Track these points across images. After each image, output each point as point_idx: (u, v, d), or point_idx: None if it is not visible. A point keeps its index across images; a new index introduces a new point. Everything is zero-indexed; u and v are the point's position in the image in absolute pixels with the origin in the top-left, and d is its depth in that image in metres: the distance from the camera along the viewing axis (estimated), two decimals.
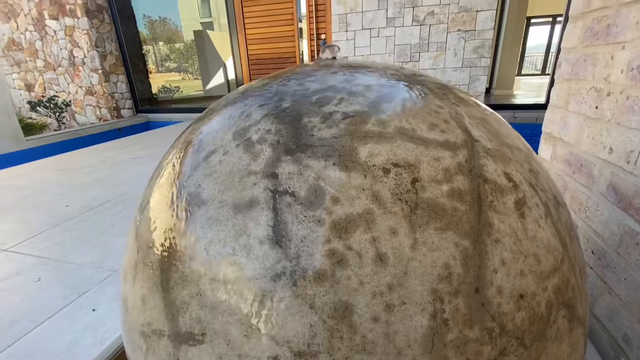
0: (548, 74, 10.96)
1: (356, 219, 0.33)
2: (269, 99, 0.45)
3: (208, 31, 9.41)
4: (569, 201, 1.07)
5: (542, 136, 1.29)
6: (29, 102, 5.51)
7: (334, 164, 0.36)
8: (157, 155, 3.26)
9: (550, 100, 1.23)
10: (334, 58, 0.58)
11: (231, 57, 5.38)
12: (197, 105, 7.44)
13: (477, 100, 0.53)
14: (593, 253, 0.95)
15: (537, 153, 1.27)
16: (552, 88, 1.22)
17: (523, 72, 12.26)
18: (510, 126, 0.52)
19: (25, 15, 5.62)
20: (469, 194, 0.35)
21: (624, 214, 0.81)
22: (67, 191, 2.37)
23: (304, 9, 4.75)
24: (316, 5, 4.62)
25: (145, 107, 6.23)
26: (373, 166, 0.35)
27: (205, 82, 8.98)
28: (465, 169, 0.37)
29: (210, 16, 15.51)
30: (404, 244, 0.32)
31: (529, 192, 0.39)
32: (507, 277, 0.34)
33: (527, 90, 7.65)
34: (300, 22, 4.85)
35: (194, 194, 0.40)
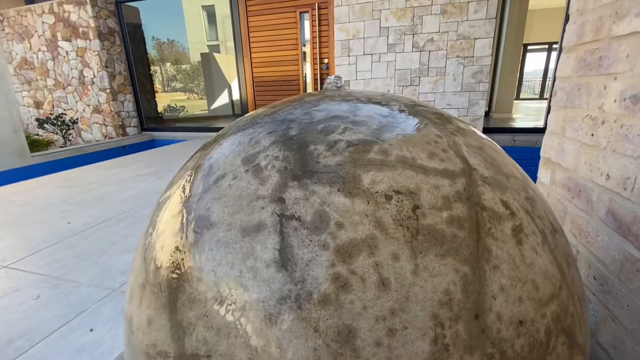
0: (546, 99, 11.19)
1: (360, 244, 0.34)
2: (277, 126, 0.48)
3: (214, 54, 9.72)
4: (569, 226, 1.08)
5: (540, 161, 1.31)
6: (37, 119, 5.63)
7: (338, 190, 0.37)
8: (160, 173, 3.29)
9: (547, 127, 1.27)
10: (339, 88, 0.61)
11: (236, 78, 5.54)
12: (202, 125, 7.57)
13: (474, 129, 0.55)
14: (595, 279, 0.95)
15: (537, 176, 1.28)
16: (549, 115, 1.25)
17: (521, 96, 12.51)
18: (506, 154, 0.54)
19: (39, 37, 5.85)
20: (468, 221, 0.37)
21: (624, 240, 0.82)
22: (70, 208, 2.39)
23: (307, 35, 4.92)
24: (319, 31, 4.80)
25: (150, 125, 6.34)
26: (376, 193, 0.37)
27: (210, 102, 9.20)
28: (463, 197, 0.38)
29: (217, 39, 16.04)
30: (405, 269, 0.33)
31: (526, 220, 0.41)
32: (506, 303, 0.35)
33: (525, 114, 7.79)
34: (304, 46, 5.02)
35: (204, 217, 0.41)
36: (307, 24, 4.86)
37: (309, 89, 5.18)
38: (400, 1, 4.20)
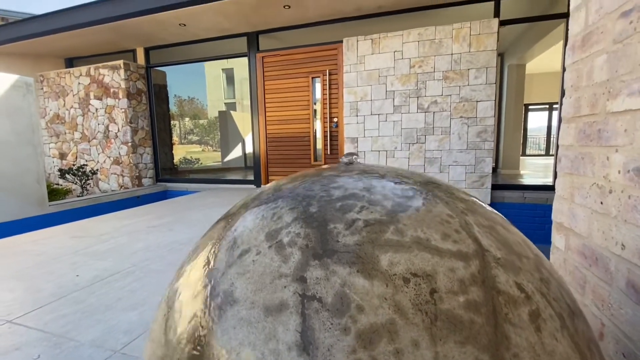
0: (551, 155, 11.34)
1: (380, 329, 0.35)
2: (297, 203, 0.52)
3: (231, 112, 10.41)
4: (590, 296, 1.04)
5: (553, 225, 1.31)
6: (60, 170, 5.90)
7: (358, 271, 0.39)
8: (171, 225, 3.33)
9: (555, 191, 1.29)
10: (351, 164, 0.66)
11: (250, 134, 5.84)
12: (214, 177, 7.79)
13: (483, 205, 0.58)
14: (624, 357, 0.89)
15: (550, 237, 1.27)
16: (557, 180, 1.28)
17: (527, 152, 12.74)
18: (516, 230, 0.56)
19: (73, 95, 6.40)
20: (484, 306, 0.38)
21: None
22: (80, 259, 2.40)
23: (319, 94, 5.27)
24: (330, 93, 5.15)
25: (165, 176, 6.56)
26: (394, 275, 0.39)
27: (224, 154, 9.61)
28: (478, 280, 0.40)
29: (234, 98, 17.27)
30: (426, 357, 0.33)
31: (542, 303, 0.41)
32: None
33: (533, 170, 7.84)
34: (315, 104, 5.34)
35: (227, 292, 0.43)
36: (318, 87, 5.24)
37: (319, 145, 5.40)
38: (404, 68, 4.55)
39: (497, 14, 4.38)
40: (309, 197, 0.52)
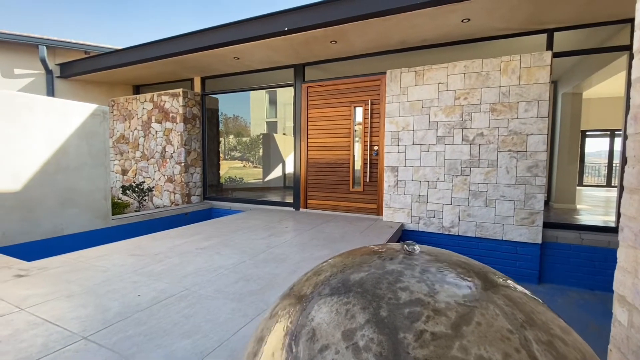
0: (614, 186, 10.33)
1: None
2: (368, 302, 0.59)
3: (274, 134, 10.92)
4: None
5: (615, 296, 1.25)
6: (122, 187, 6.53)
7: None
8: (217, 248, 3.54)
9: (617, 261, 1.23)
10: (411, 253, 0.73)
11: (291, 156, 6.07)
12: (256, 196, 8.12)
13: (541, 310, 0.61)
14: None
15: (612, 284, 1.20)
16: (619, 249, 1.23)
17: (585, 181, 11.72)
18: (576, 339, 0.59)
19: (137, 119, 7.11)
20: None
21: None
22: (140, 279, 2.64)
23: (360, 118, 5.38)
24: (371, 123, 5.24)
25: (211, 194, 6.98)
26: None
27: (266, 174, 10.05)
28: None
29: (276, 117, 18.07)
30: None
31: None
32: None
33: (592, 204, 7.20)
34: (356, 132, 5.45)
35: None
36: (360, 115, 5.36)
37: (357, 166, 5.45)
38: (449, 100, 4.53)
39: (549, 46, 4.25)
40: (378, 298, 0.60)
